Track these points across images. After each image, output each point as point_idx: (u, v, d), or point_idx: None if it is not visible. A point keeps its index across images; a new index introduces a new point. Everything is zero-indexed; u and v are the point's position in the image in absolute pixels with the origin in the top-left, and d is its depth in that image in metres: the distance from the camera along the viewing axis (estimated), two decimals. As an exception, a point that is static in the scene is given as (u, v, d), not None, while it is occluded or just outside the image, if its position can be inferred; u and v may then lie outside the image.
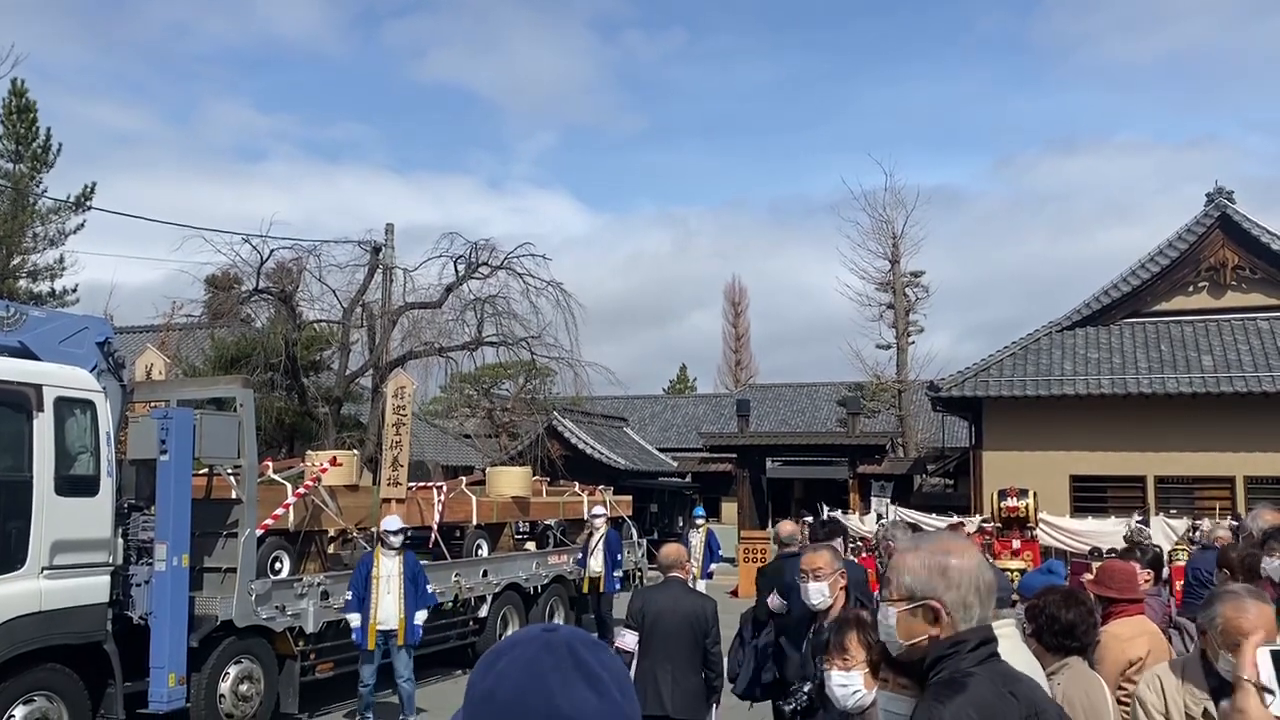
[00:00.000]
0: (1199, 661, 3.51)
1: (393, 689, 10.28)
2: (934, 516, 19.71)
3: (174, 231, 24.50)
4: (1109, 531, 17.63)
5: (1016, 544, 15.24)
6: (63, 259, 27.38)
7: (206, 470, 9.61)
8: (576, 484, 16.93)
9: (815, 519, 21.12)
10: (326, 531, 11.34)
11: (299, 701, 10.15)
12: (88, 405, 8.29)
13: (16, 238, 25.76)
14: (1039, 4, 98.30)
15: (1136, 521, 17.70)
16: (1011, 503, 15.66)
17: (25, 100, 26.94)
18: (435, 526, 12.55)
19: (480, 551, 13.42)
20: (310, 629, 10.13)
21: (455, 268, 20.94)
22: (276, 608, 9.75)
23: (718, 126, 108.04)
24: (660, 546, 7.46)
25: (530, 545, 15.45)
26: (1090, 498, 21.68)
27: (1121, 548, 12.08)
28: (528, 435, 26.19)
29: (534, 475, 16.03)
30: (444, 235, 21.56)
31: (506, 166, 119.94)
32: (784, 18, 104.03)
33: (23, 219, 26.03)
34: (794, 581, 5.63)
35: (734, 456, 31.09)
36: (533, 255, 21.09)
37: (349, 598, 9.88)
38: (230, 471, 9.61)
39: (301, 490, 10.50)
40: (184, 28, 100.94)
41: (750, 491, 29.75)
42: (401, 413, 12.61)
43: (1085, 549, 15.88)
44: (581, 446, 30.82)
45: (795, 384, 45.94)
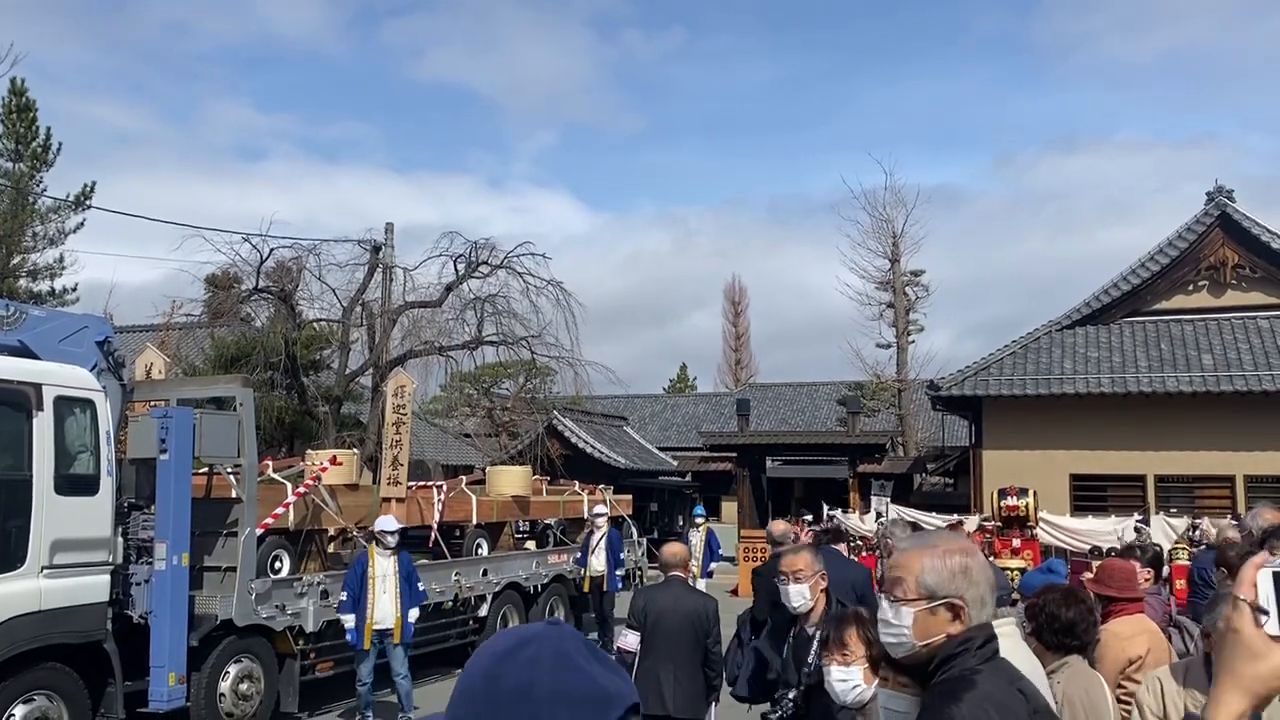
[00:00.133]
0: (1203, 665, 3.49)
1: (390, 688, 10.29)
2: (934, 516, 19.69)
3: (173, 231, 24.54)
4: (1109, 531, 17.64)
5: (1016, 543, 15.25)
6: (62, 258, 27.43)
7: (206, 469, 9.60)
8: (576, 483, 16.93)
9: (816, 521, 21.17)
10: (326, 531, 11.34)
11: (299, 700, 10.16)
12: (87, 404, 8.29)
13: (16, 237, 25.76)
14: (1038, 3, 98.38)
15: (1137, 521, 17.72)
16: (1011, 502, 15.66)
17: (25, 99, 26.93)
18: (435, 526, 12.55)
19: (480, 551, 13.42)
20: (310, 628, 10.13)
21: (455, 267, 20.96)
22: (276, 607, 9.75)
23: (717, 126, 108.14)
24: (660, 546, 7.46)
25: (530, 544, 15.44)
26: (1090, 497, 21.66)
27: (1121, 546, 12.07)
28: (528, 434, 26.17)
29: (534, 474, 16.02)
30: (444, 234, 21.58)
31: (506, 166, 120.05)
32: (783, 17, 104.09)
33: (22, 218, 26.03)
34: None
35: (734, 456, 31.06)
36: (533, 254, 21.13)
37: (343, 598, 9.88)
38: (230, 470, 9.61)
39: (301, 489, 10.50)
40: (183, 27, 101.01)
41: (750, 491, 29.72)
42: (401, 412, 12.61)
43: (1085, 548, 15.88)
44: (581, 446, 30.82)
45: (795, 383, 45.95)
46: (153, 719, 8.53)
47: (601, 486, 17.14)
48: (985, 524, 16.60)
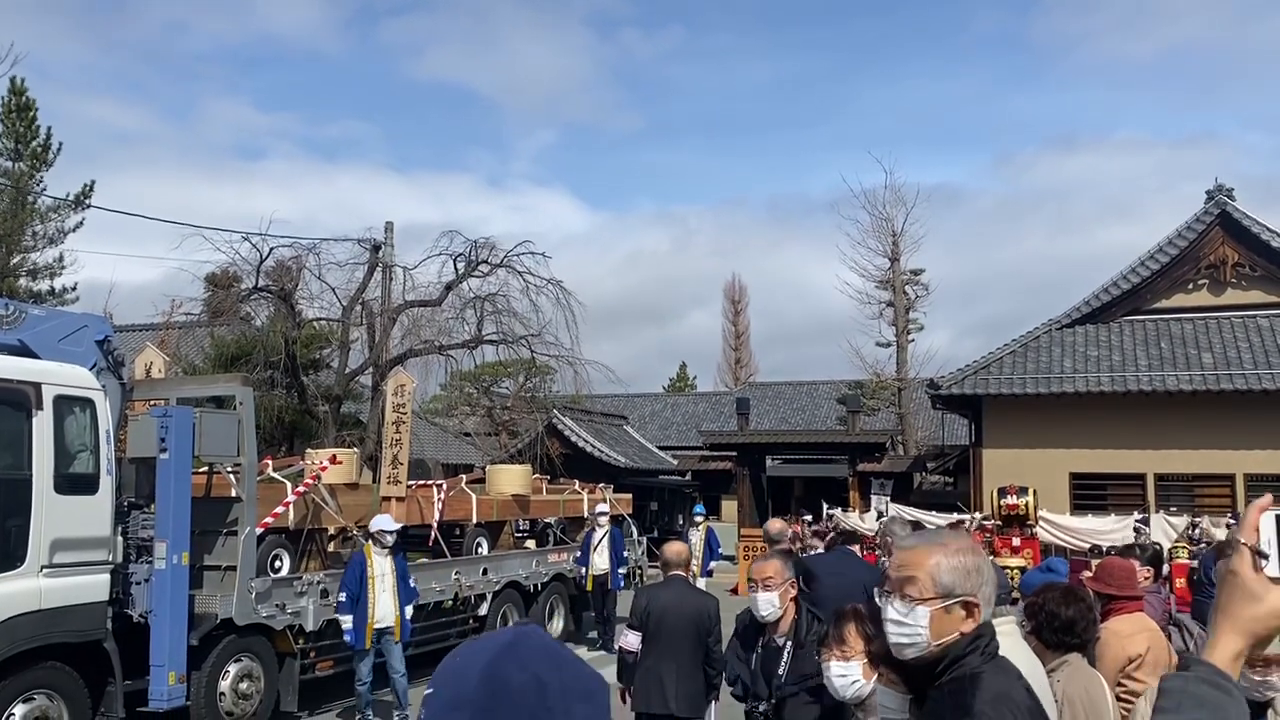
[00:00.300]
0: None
1: (388, 687, 10.29)
2: (934, 514, 19.69)
3: (173, 230, 24.34)
4: (1109, 529, 17.64)
5: (1016, 542, 15.26)
6: (62, 257, 27.41)
7: (206, 468, 9.60)
8: (576, 482, 16.94)
9: (816, 520, 21.18)
10: (326, 529, 11.34)
11: (299, 699, 10.16)
12: (87, 403, 8.28)
13: (16, 236, 25.75)
14: (1038, 2, 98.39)
15: (1137, 520, 17.73)
16: (1011, 500, 15.67)
17: (25, 99, 26.92)
18: (435, 524, 12.55)
19: (480, 549, 13.42)
20: (310, 627, 10.13)
21: (455, 266, 20.96)
22: (276, 606, 9.74)
23: (717, 125, 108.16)
24: (660, 545, 7.46)
25: (530, 543, 15.45)
26: (1090, 495, 21.66)
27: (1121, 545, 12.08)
28: (528, 433, 26.17)
29: (534, 473, 16.03)
30: (443, 233, 21.58)
31: (505, 165, 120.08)
32: (783, 16, 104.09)
33: (22, 217, 26.02)
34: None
35: (734, 454, 31.05)
36: (532, 253, 21.13)
37: (342, 599, 9.86)
38: (230, 469, 9.61)
39: (301, 488, 10.50)
40: (183, 26, 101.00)
41: (750, 489, 29.71)
42: (401, 411, 12.60)
43: (1085, 547, 15.89)
44: (581, 445, 30.81)
45: (795, 382, 45.96)
46: (153, 718, 8.53)
47: (601, 485, 17.14)
48: (985, 523, 16.60)
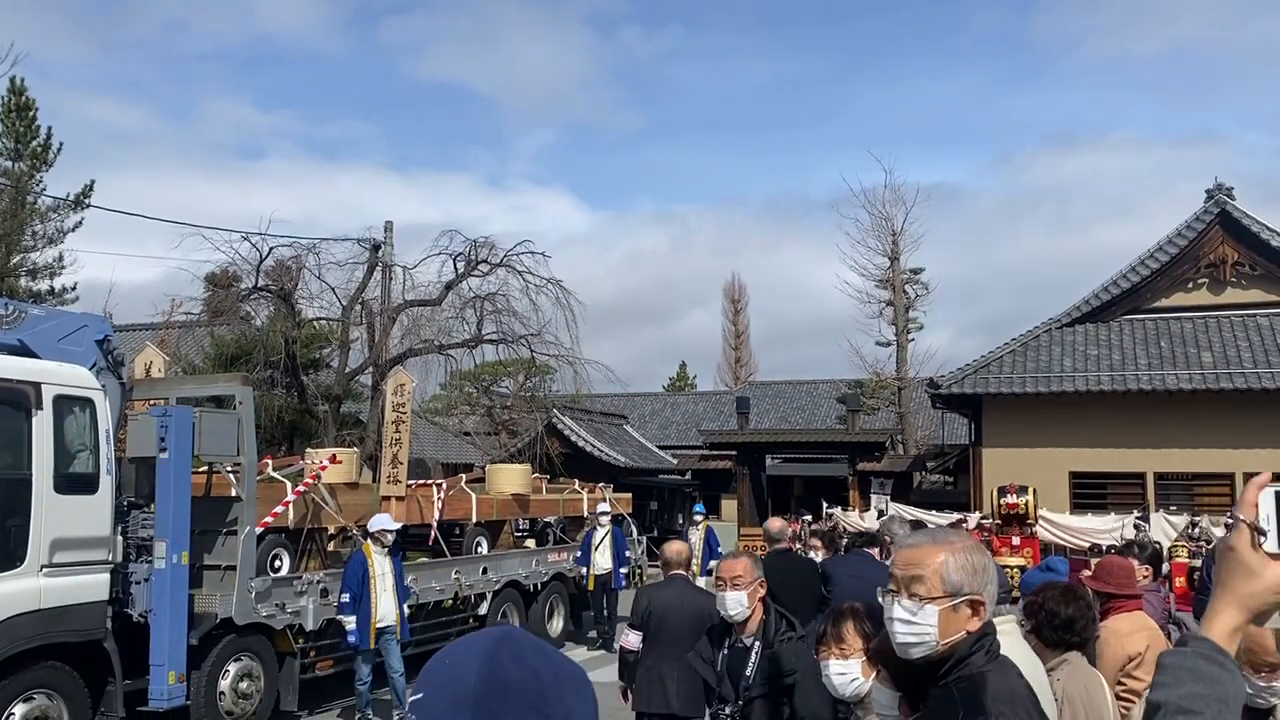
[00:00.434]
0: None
1: (387, 686, 10.29)
2: (934, 514, 19.70)
3: (173, 229, 24.34)
4: (1108, 528, 17.65)
5: (1016, 541, 15.26)
6: (62, 257, 27.44)
7: (206, 468, 9.60)
8: (576, 481, 16.94)
9: (816, 519, 21.18)
10: (326, 529, 11.34)
11: (298, 699, 10.16)
12: (87, 403, 8.28)
13: (16, 236, 25.75)
14: (1038, 2, 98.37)
15: (1137, 518, 17.73)
16: (1011, 499, 15.67)
17: (25, 99, 26.94)
18: (435, 524, 12.55)
19: (480, 549, 13.42)
20: (310, 626, 10.12)
21: (455, 265, 20.96)
22: (276, 605, 9.74)
23: (716, 124, 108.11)
24: (660, 544, 7.45)
25: (530, 543, 15.45)
26: (1090, 494, 21.68)
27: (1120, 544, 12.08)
28: (527, 433, 26.16)
29: (534, 473, 16.03)
30: (443, 233, 21.60)
31: (505, 164, 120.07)
32: (782, 15, 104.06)
33: (22, 217, 26.02)
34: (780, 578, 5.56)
35: (734, 454, 31.09)
36: (532, 253, 21.12)
37: (344, 599, 9.84)
38: (230, 469, 9.61)
39: (301, 488, 10.50)
40: (182, 26, 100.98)
41: (750, 489, 29.75)
42: (401, 410, 12.60)
43: (1085, 546, 15.90)
44: (581, 444, 30.82)
45: (795, 381, 45.94)
46: (153, 718, 8.53)
47: (601, 485, 17.14)
48: (985, 522, 16.61)
